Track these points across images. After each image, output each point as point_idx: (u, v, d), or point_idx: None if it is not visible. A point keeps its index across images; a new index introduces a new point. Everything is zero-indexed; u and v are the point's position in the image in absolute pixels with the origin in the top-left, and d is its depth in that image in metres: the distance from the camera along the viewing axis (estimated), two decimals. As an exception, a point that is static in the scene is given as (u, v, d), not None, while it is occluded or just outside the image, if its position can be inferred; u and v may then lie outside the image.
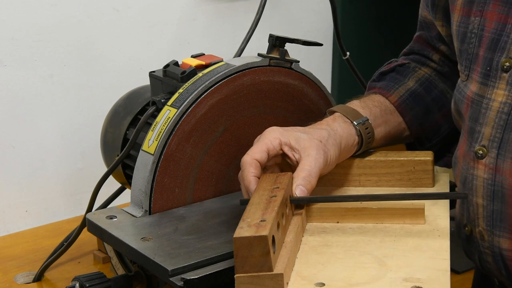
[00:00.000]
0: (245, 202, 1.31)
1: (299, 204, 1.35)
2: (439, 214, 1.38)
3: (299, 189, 1.34)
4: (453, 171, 1.47)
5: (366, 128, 1.48)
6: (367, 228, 1.34)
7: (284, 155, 1.40)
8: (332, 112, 1.50)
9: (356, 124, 1.47)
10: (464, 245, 1.46)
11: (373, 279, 1.19)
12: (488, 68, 1.36)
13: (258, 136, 1.41)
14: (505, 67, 1.34)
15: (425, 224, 1.34)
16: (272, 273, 1.16)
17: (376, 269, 1.22)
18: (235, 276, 1.18)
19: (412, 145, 1.64)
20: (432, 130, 1.58)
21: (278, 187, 1.32)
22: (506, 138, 1.33)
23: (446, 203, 1.42)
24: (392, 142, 1.58)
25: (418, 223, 1.33)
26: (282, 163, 1.42)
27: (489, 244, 1.39)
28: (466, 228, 1.43)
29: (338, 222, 1.36)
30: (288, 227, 1.30)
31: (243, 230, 1.18)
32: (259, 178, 1.36)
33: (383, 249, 1.28)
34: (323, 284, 1.18)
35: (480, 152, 1.36)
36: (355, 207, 1.36)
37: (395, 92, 1.57)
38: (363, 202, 1.35)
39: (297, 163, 1.38)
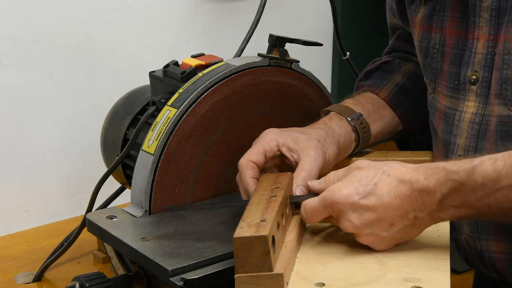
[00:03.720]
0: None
1: (299, 204, 1.36)
2: None
3: (300, 189, 1.34)
4: None
5: (361, 123, 1.49)
6: None
7: (282, 156, 1.40)
8: (327, 112, 1.51)
9: (350, 120, 1.48)
10: (455, 245, 1.46)
11: (373, 279, 1.19)
12: (456, 82, 1.40)
13: (256, 139, 1.42)
14: (472, 80, 1.37)
15: None
16: (272, 273, 1.16)
17: (376, 269, 1.22)
18: (235, 276, 1.18)
19: (405, 141, 1.64)
20: (424, 122, 1.59)
21: (278, 187, 1.32)
22: (480, 146, 1.36)
23: None
24: (388, 137, 1.59)
25: None
26: (281, 164, 1.42)
27: (475, 250, 1.40)
28: (452, 234, 1.43)
29: None
30: (288, 227, 1.30)
31: (243, 230, 1.18)
32: (257, 180, 1.37)
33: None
34: (323, 284, 1.18)
35: None
36: None
37: (384, 88, 1.58)
38: None
39: (296, 163, 1.39)
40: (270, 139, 1.40)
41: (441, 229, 1.31)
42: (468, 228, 1.39)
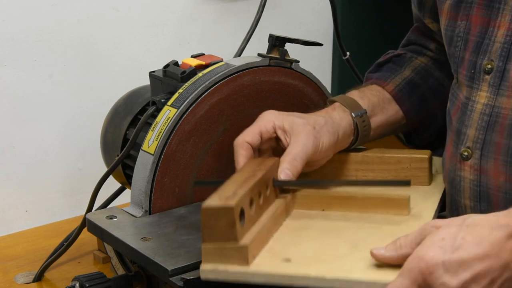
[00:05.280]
0: (200, 183, 1.39)
1: (284, 189, 1.37)
2: (426, 207, 1.39)
3: (284, 173, 1.35)
4: (442, 172, 1.47)
5: (363, 121, 1.49)
6: (350, 216, 1.35)
7: (278, 138, 1.41)
8: (332, 102, 1.51)
9: (354, 116, 1.48)
10: None
11: (339, 257, 1.20)
12: (472, 71, 1.38)
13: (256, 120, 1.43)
14: (486, 69, 1.35)
15: (409, 215, 1.35)
16: (237, 244, 1.18)
17: (347, 249, 1.23)
18: (202, 245, 1.20)
19: (410, 135, 1.64)
20: (429, 118, 1.58)
21: (261, 169, 1.33)
22: (488, 139, 1.34)
23: (436, 199, 1.43)
24: (390, 131, 1.59)
25: (402, 214, 1.34)
26: (277, 147, 1.42)
27: None
28: None
29: (324, 210, 1.38)
30: (267, 207, 1.31)
31: (212, 200, 1.20)
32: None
33: (360, 234, 1.29)
34: (290, 260, 1.20)
35: (465, 153, 1.37)
36: (340, 195, 1.37)
37: (392, 82, 1.58)
38: (349, 192, 1.37)
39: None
40: (267, 121, 1.41)
41: (423, 220, 1.32)
42: None
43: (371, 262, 1.17)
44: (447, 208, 1.45)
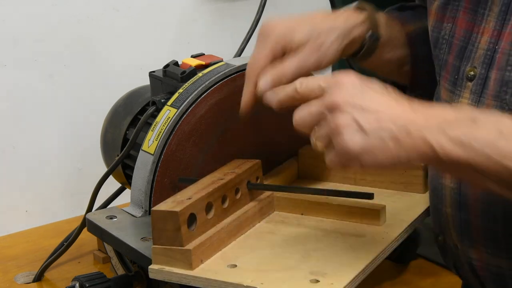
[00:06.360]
0: (183, 180, 1.39)
1: (264, 191, 1.38)
2: (404, 218, 1.38)
3: (264, 80, 1.31)
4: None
5: (370, 45, 1.45)
6: (324, 223, 1.35)
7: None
8: (362, 10, 1.46)
9: (368, 36, 1.44)
10: (440, 253, 1.44)
11: (283, 268, 1.21)
12: (456, 77, 1.36)
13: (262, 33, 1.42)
14: (469, 76, 1.32)
15: (382, 226, 1.34)
16: (181, 248, 1.20)
17: (296, 260, 1.23)
18: (152, 246, 1.23)
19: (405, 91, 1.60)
20: (428, 79, 1.54)
21: (234, 171, 1.35)
22: None
23: (419, 210, 1.42)
24: (390, 69, 1.54)
25: (375, 224, 1.34)
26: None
27: (462, 253, 1.37)
28: (439, 238, 1.41)
29: (302, 214, 1.38)
30: (235, 210, 1.32)
31: (164, 204, 1.24)
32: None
33: (320, 243, 1.28)
34: (235, 266, 1.21)
35: None
36: (317, 201, 1.37)
37: (414, 23, 1.54)
38: (328, 198, 1.37)
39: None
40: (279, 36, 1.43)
41: (391, 233, 1.32)
42: (455, 231, 1.36)
43: (309, 278, 1.17)
44: (431, 215, 1.43)
